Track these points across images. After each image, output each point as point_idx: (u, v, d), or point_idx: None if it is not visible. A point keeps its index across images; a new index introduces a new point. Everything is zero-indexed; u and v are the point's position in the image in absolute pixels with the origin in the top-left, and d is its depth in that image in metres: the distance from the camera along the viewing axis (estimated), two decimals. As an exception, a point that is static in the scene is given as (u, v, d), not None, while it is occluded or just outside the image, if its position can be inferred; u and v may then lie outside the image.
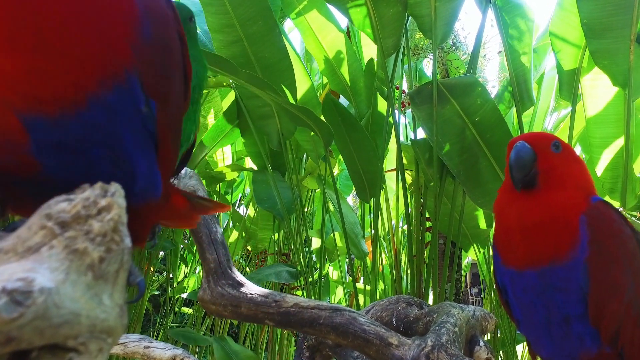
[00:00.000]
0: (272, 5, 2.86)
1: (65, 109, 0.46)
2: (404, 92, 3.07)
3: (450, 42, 2.89)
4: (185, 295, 3.82)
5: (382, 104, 3.01)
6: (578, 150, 3.33)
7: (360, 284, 3.67)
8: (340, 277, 4.18)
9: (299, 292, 3.47)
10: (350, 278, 3.71)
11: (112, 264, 0.41)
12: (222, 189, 4.22)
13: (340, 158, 3.73)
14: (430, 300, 2.64)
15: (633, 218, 2.66)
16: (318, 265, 3.55)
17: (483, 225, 2.88)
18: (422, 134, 2.92)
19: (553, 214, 0.98)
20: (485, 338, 1.70)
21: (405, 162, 2.75)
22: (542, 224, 0.98)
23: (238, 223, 4.19)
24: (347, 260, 3.95)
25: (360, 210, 3.49)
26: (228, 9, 2.37)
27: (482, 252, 3.08)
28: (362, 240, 3.13)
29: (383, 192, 2.96)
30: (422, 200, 2.77)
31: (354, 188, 2.93)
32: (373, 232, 2.79)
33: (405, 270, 3.02)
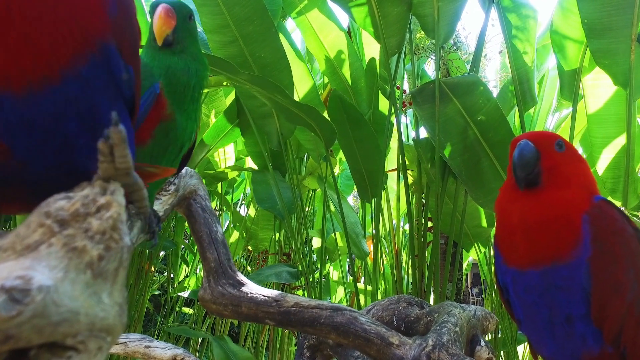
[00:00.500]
0: (273, 5, 2.85)
1: (37, 85, 0.45)
2: (405, 91, 3.06)
3: (451, 41, 2.89)
4: (186, 295, 3.82)
5: (383, 104, 3.01)
6: (579, 150, 3.32)
7: (361, 284, 3.67)
8: (341, 277, 4.18)
9: (300, 292, 3.47)
10: (351, 278, 3.70)
11: (111, 262, 0.41)
12: (223, 189, 4.22)
13: (342, 158, 3.73)
14: (431, 300, 2.63)
15: (635, 217, 2.66)
16: (319, 265, 3.55)
17: (484, 225, 2.87)
18: (423, 134, 2.92)
19: (555, 213, 0.98)
20: (486, 338, 1.70)
21: (407, 161, 2.74)
22: (544, 223, 0.97)
23: (239, 223, 4.19)
24: (347, 260, 3.95)
25: (361, 210, 3.48)
26: (222, 10, 2.34)
27: (483, 251, 3.07)
28: (363, 240, 3.13)
29: (384, 192, 2.96)
30: (423, 200, 2.77)
31: (356, 188, 2.91)
32: (374, 232, 2.79)
33: (406, 270, 3.02)
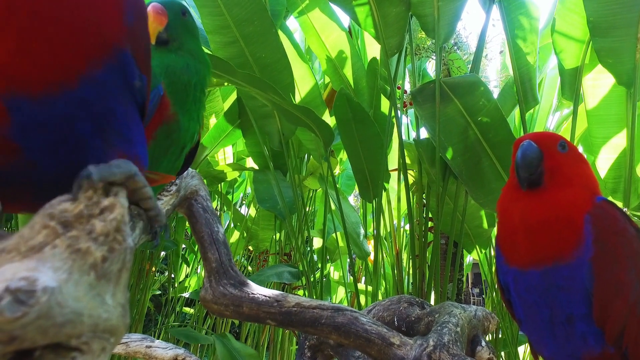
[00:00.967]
0: (276, 5, 2.85)
1: (54, 89, 0.45)
2: (406, 91, 3.06)
3: (452, 42, 2.89)
4: (187, 295, 3.82)
5: (384, 104, 3.00)
6: (580, 150, 3.31)
7: (362, 284, 3.67)
8: (342, 277, 4.18)
9: (301, 292, 3.47)
10: (352, 278, 3.70)
11: (114, 264, 0.41)
12: (223, 189, 4.22)
13: (342, 158, 3.73)
14: (432, 300, 2.63)
15: (636, 218, 2.65)
16: (319, 265, 3.55)
17: (485, 225, 2.87)
18: (424, 134, 2.92)
19: (558, 213, 0.98)
20: (487, 338, 1.70)
21: (408, 161, 2.74)
22: (546, 223, 0.98)
23: (239, 223, 4.19)
24: (348, 260, 3.95)
25: (362, 210, 3.48)
26: (223, 10, 2.34)
27: (483, 252, 3.07)
28: (363, 240, 3.13)
29: (385, 192, 2.96)
30: (424, 200, 2.77)
31: (357, 187, 2.91)
32: (375, 232, 2.79)
33: (407, 270, 3.02)
